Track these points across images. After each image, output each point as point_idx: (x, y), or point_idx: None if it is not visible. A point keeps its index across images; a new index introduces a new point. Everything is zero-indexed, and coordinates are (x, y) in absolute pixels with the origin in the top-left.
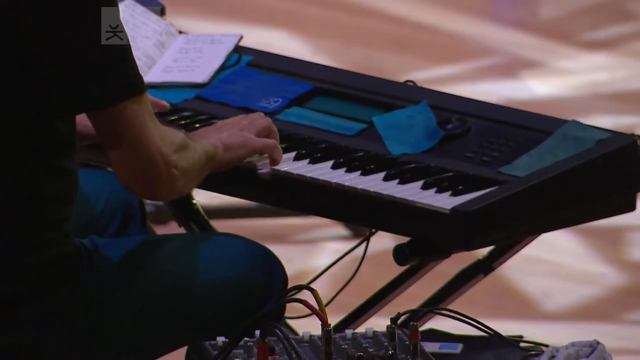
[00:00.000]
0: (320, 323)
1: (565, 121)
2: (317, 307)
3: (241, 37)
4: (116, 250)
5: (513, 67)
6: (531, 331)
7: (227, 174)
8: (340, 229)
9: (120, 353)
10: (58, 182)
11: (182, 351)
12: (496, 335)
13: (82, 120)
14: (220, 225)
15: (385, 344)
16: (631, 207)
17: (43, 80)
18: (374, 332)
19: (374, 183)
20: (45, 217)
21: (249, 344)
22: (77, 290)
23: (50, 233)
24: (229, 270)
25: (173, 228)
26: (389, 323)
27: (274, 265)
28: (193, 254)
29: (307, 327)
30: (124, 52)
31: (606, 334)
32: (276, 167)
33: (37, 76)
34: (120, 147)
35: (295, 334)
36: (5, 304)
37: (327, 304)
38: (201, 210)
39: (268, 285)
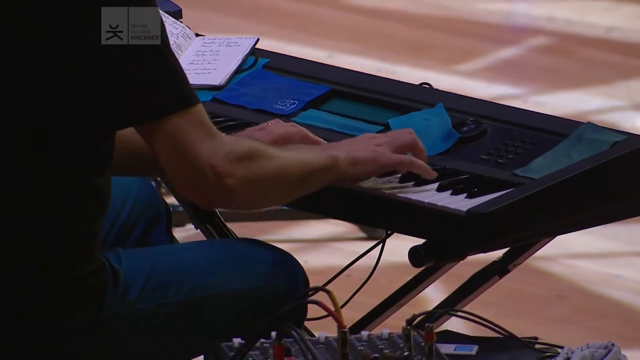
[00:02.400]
0: (336, 324)
1: (580, 123)
2: (333, 308)
3: (257, 40)
4: (140, 263)
5: (529, 69)
6: (546, 333)
7: None
8: (356, 231)
9: None
10: (91, 200)
11: None
12: (511, 336)
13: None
14: (236, 227)
15: (401, 345)
16: None
17: (85, 97)
18: (390, 333)
19: (390, 185)
20: (75, 234)
21: (264, 345)
22: (102, 306)
23: (77, 250)
24: (251, 278)
25: (190, 230)
26: (404, 324)
27: (296, 271)
28: (215, 263)
29: (323, 328)
30: (169, 67)
31: (621, 335)
32: None
33: (79, 93)
34: (169, 159)
35: (311, 335)
36: (30, 319)
37: (343, 306)
38: (218, 212)
39: (291, 291)
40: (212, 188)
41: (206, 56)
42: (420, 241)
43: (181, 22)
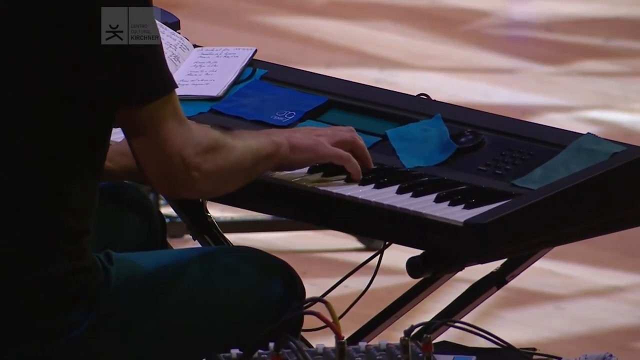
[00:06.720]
0: (334, 335)
1: (579, 134)
2: (331, 319)
3: (255, 51)
4: (133, 265)
5: (526, 79)
6: (544, 343)
7: (245, 188)
8: (354, 242)
9: None
10: (83, 194)
11: None
12: (509, 347)
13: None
14: (234, 239)
15: (399, 356)
16: None
17: (77, 79)
18: (388, 344)
19: (388, 196)
20: (66, 228)
21: (263, 356)
22: (93, 304)
23: (68, 246)
24: (247, 284)
25: (188, 241)
26: (402, 335)
27: (293, 279)
28: (211, 269)
29: (321, 339)
30: (153, 53)
31: (619, 346)
32: (295, 179)
33: (71, 76)
34: (142, 146)
35: (309, 346)
36: (21, 314)
37: (340, 317)
38: (215, 223)
39: (286, 299)
40: (179, 178)
41: (204, 67)
42: (418, 252)
43: (179, 33)
